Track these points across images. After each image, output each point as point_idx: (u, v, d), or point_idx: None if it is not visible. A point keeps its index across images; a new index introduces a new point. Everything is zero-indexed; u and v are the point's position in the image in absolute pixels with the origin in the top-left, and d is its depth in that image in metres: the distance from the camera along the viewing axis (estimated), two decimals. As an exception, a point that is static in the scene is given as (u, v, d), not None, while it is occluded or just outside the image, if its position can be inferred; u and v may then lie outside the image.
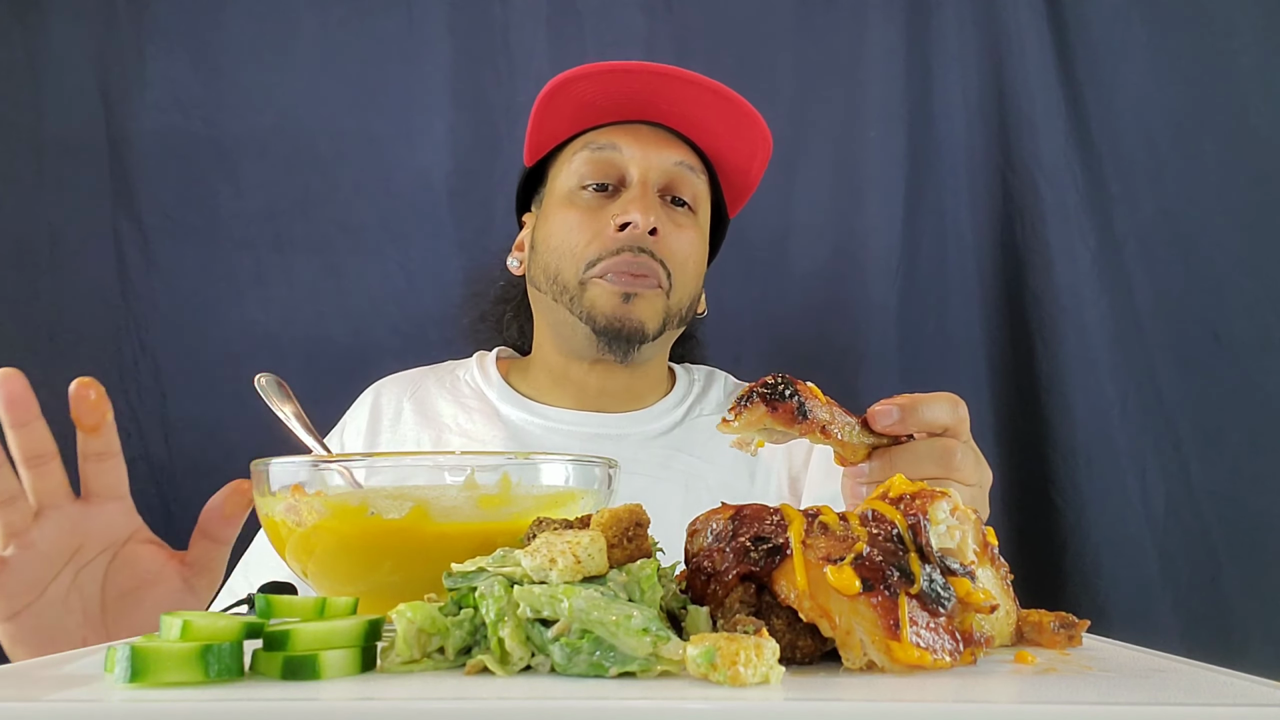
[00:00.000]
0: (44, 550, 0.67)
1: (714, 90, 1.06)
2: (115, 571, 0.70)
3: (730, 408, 0.59)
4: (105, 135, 1.51)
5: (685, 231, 1.10)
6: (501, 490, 0.59)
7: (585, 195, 1.09)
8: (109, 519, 0.70)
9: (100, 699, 0.39)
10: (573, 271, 1.07)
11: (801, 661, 0.46)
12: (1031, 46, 1.53)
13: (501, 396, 1.16)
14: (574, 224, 1.08)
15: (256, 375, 0.83)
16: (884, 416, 0.64)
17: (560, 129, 1.13)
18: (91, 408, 0.67)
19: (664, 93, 1.07)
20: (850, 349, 1.55)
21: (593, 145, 1.09)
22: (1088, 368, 1.47)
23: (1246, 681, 0.42)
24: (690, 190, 1.11)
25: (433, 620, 0.45)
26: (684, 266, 1.09)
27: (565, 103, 1.09)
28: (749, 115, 1.09)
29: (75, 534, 0.68)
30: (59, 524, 0.67)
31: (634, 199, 1.05)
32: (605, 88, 1.07)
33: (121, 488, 0.71)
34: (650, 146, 1.09)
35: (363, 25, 1.57)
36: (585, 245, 1.06)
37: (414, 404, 1.17)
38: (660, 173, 1.09)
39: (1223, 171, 1.49)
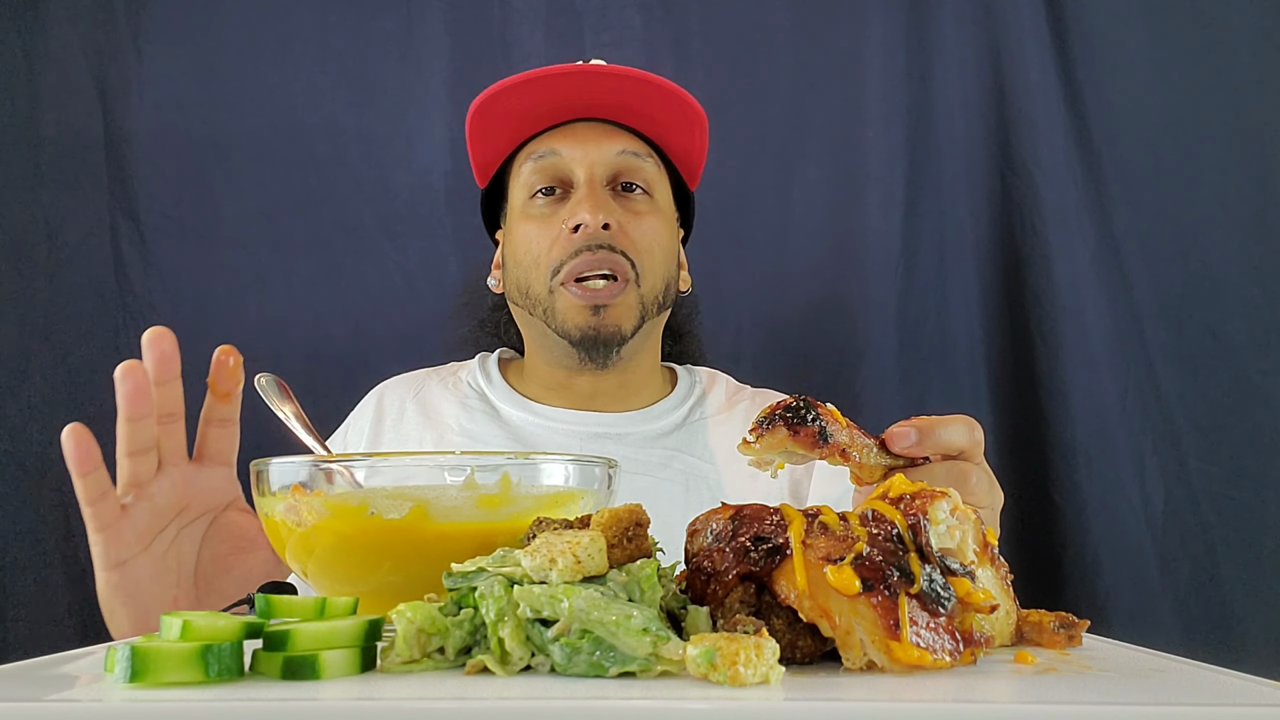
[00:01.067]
0: (159, 504, 0.69)
1: (633, 78, 1.06)
2: (213, 535, 0.73)
3: (750, 429, 0.59)
4: (103, 134, 1.51)
5: (644, 218, 1.09)
6: (501, 490, 0.59)
7: (538, 204, 1.10)
8: (216, 483, 0.73)
9: (100, 699, 0.39)
10: (540, 282, 1.08)
11: (801, 661, 0.46)
12: (1031, 46, 1.53)
13: (503, 397, 1.17)
14: (532, 235, 1.09)
15: (256, 375, 0.83)
16: (902, 439, 0.64)
17: (500, 144, 1.13)
18: (229, 375, 0.70)
19: (588, 90, 1.07)
20: (850, 348, 1.55)
21: (534, 155, 1.10)
22: (1087, 367, 1.47)
23: (1246, 681, 0.42)
24: (641, 175, 1.11)
25: (433, 620, 0.45)
26: (649, 252, 1.09)
27: (496, 119, 1.09)
28: (675, 94, 1.08)
29: (186, 493, 0.71)
30: (174, 481, 0.70)
31: (581, 199, 1.06)
32: (529, 97, 1.07)
33: (232, 455, 0.74)
34: (590, 142, 1.09)
35: (361, 25, 1.57)
36: (546, 252, 1.07)
37: (417, 404, 1.17)
38: (605, 166, 1.09)
39: (1222, 171, 1.49)
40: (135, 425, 0.68)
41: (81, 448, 0.66)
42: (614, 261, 1.05)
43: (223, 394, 0.71)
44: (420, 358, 1.30)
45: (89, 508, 0.67)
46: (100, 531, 0.68)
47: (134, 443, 0.68)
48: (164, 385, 0.68)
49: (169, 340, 0.68)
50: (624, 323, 1.07)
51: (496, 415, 1.15)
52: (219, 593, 0.72)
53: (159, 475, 0.70)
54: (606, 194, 1.08)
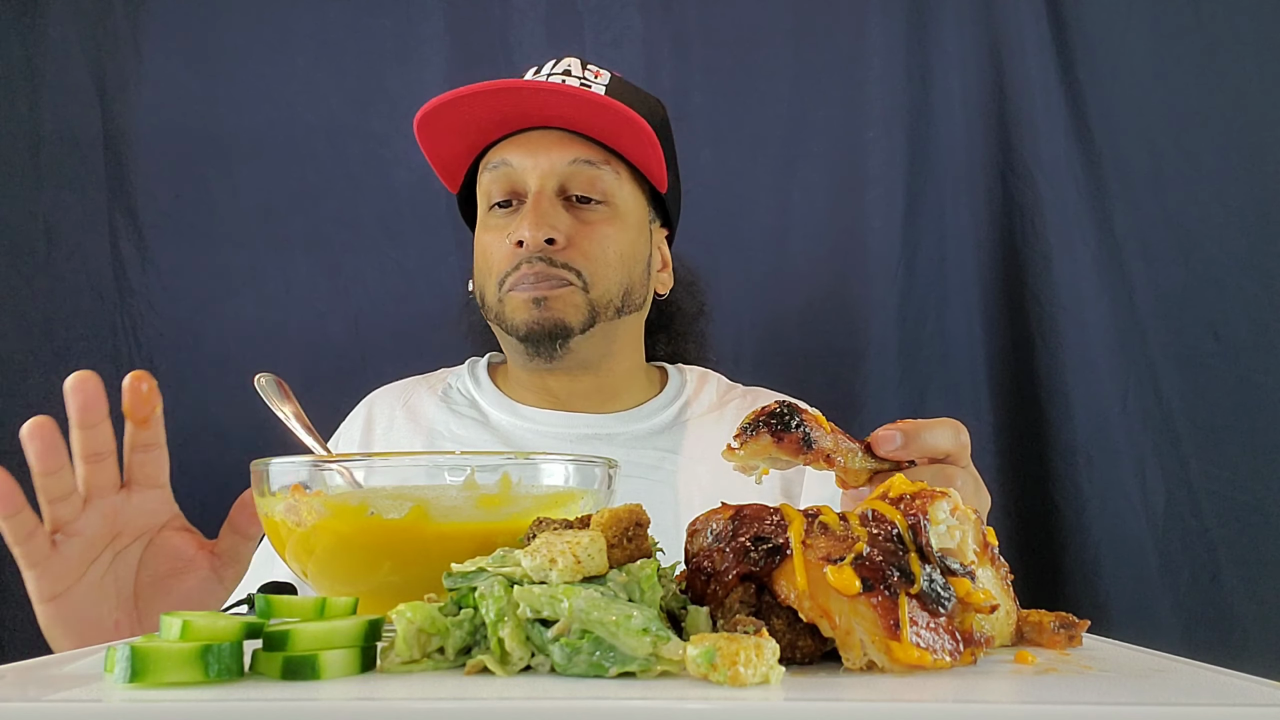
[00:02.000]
0: (89, 537, 0.70)
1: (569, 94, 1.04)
2: (150, 557, 0.74)
3: (735, 435, 0.59)
4: (102, 132, 1.51)
5: (596, 228, 1.08)
6: (501, 490, 0.59)
7: (495, 215, 1.10)
8: (148, 506, 0.73)
9: (100, 699, 0.39)
10: (491, 291, 1.10)
11: (801, 661, 0.46)
12: (1031, 46, 1.53)
13: (491, 402, 1.17)
14: (487, 246, 1.10)
15: (256, 375, 0.83)
16: (887, 442, 0.64)
17: (456, 152, 1.13)
18: (143, 401, 0.70)
19: (532, 102, 1.06)
20: (850, 349, 1.55)
21: (489, 165, 1.10)
22: (1088, 367, 1.47)
23: (1246, 681, 0.42)
24: (597, 185, 1.08)
25: (433, 620, 0.45)
26: (601, 260, 1.07)
27: (443, 132, 1.08)
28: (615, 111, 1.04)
29: (117, 521, 0.72)
30: (104, 512, 0.71)
31: (525, 214, 1.05)
32: (474, 110, 1.06)
33: (162, 477, 0.74)
34: (541, 152, 1.07)
35: (360, 23, 1.57)
36: (498, 264, 1.08)
37: (406, 411, 1.17)
38: (556, 176, 1.07)
39: (1223, 171, 1.49)
40: (50, 479, 0.68)
41: (2, 491, 0.66)
42: (552, 274, 1.05)
43: (140, 420, 0.71)
44: (420, 357, 1.30)
45: (17, 548, 0.68)
46: (31, 569, 0.69)
47: (51, 492, 0.69)
48: (91, 429, 0.69)
49: (93, 383, 0.68)
50: (568, 317, 1.06)
51: (486, 421, 1.15)
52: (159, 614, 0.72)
53: (87, 509, 0.70)
54: (556, 205, 1.07)
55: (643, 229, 1.15)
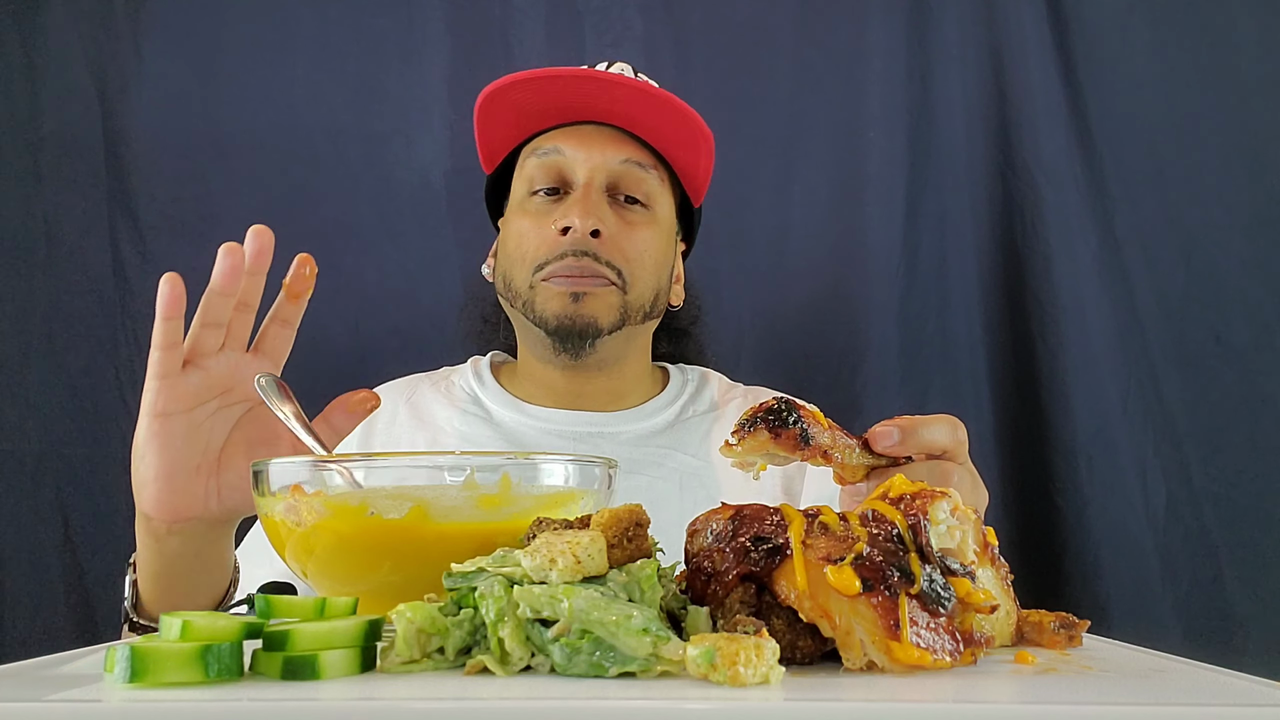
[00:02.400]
0: (213, 377, 0.75)
1: (643, 91, 1.05)
2: (246, 422, 0.78)
3: (733, 431, 0.59)
4: (102, 132, 1.51)
5: (638, 230, 1.09)
6: (501, 490, 0.59)
7: (536, 201, 1.10)
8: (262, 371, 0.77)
9: (100, 699, 0.39)
10: (522, 277, 1.08)
11: (801, 661, 0.46)
12: (1031, 46, 1.53)
13: (495, 399, 1.17)
14: (524, 231, 1.09)
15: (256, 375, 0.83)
16: (884, 438, 0.64)
17: (507, 135, 1.13)
18: (303, 280, 0.78)
19: (600, 95, 1.06)
20: (850, 349, 1.55)
21: (539, 151, 1.10)
22: (1088, 368, 1.47)
23: (1246, 681, 0.42)
24: (642, 187, 1.10)
25: (433, 620, 0.45)
26: (639, 262, 1.08)
27: (504, 110, 1.09)
28: (684, 114, 1.07)
29: (236, 377, 0.77)
30: (231, 362, 0.76)
31: (574, 202, 1.06)
32: (540, 94, 1.07)
33: (283, 355, 0.80)
34: (595, 146, 1.08)
35: (361, 23, 1.57)
36: (534, 250, 1.07)
37: (409, 408, 1.17)
38: (606, 172, 1.08)
39: (1223, 171, 1.49)
40: (218, 299, 0.74)
41: (174, 293, 0.72)
42: (595, 270, 1.05)
43: (294, 294, 0.78)
44: (420, 357, 1.30)
45: (158, 352, 0.73)
46: (157, 379, 0.73)
47: (210, 315, 0.74)
48: (252, 276, 0.75)
49: (268, 237, 0.76)
50: (601, 316, 1.07)
51: (489, 418, 1.15)
52: (237, 474, 0.76)
53: (220, 353, 0.75)
54: (603, 200, 1.08)
55: (672, 237, 1.16)
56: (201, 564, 0.79)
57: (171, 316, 0.72)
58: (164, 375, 0.73)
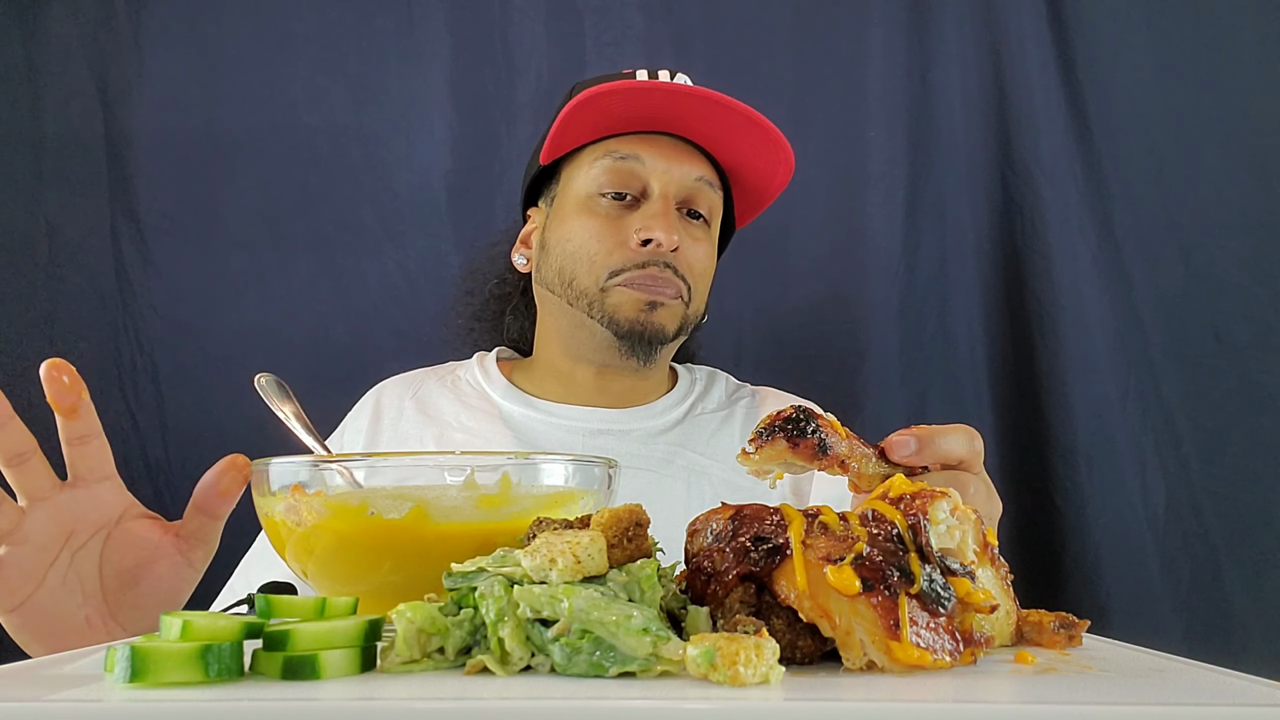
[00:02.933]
0: (38, 543, 0.67)
1: (744, 114, 1.06)
2: (111, 550, 0.70)
3: (750, 439, 0.59)
4: (103, 134, 1.51)
5: (700, 244, 1.11)
6: (501, 490, 0.59)
7: (604, 202, 1.09)
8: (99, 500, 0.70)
9: (100, 699, 0.39)
10: (592, 279, 1.08)
11: (801, 661, 0.46)
12: (1031, 46, 1.53)
13: (503, 394, 1.17)
14: (594, 232, 1.08)
15: (256, 375, 0.83)
16: (901, 447, 0.64)
17: (583, 135, 1.12)
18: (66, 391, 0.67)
19: (693, 110, 1.07)
20: (851, 349, 1.55)
21: (615, 154, 1.09)
22: (1088, 367, 1.47)
23: (1246, 681, 0.42)
24: (707, 204, 1.13)
25: (433, 620, 0.45)
26: (701, 278, 1.12)
27: (592, 113, 1.08)
28: (775, 139, 1.09)
29: (66, 520, 0.68)
30: (49, 514, 0.67)
31: (657, 215, 1.06)
32: (635, 102, 1.07)
33: (107, 468, 0.70)
34: (673, 160, 1.09)
35: (362, 24, 1.57)
36: (607, 254, 1.07)
37: (415, 403, 1.17)
38: (680, 187, 1.10)
39: (1223, 171, 1.49)
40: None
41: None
42: (673, 283, 1.08)
43: (67, 410, 0.67)
44: (420, 357, 1.30)
45: None
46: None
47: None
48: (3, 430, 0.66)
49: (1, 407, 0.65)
50: (669, 325, 1.10)
51: (496, 412, 1.15)
52: (131, 605, 0.70)
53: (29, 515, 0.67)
54: (677, 215, 1.09)
55: (716, 255, 1.19)
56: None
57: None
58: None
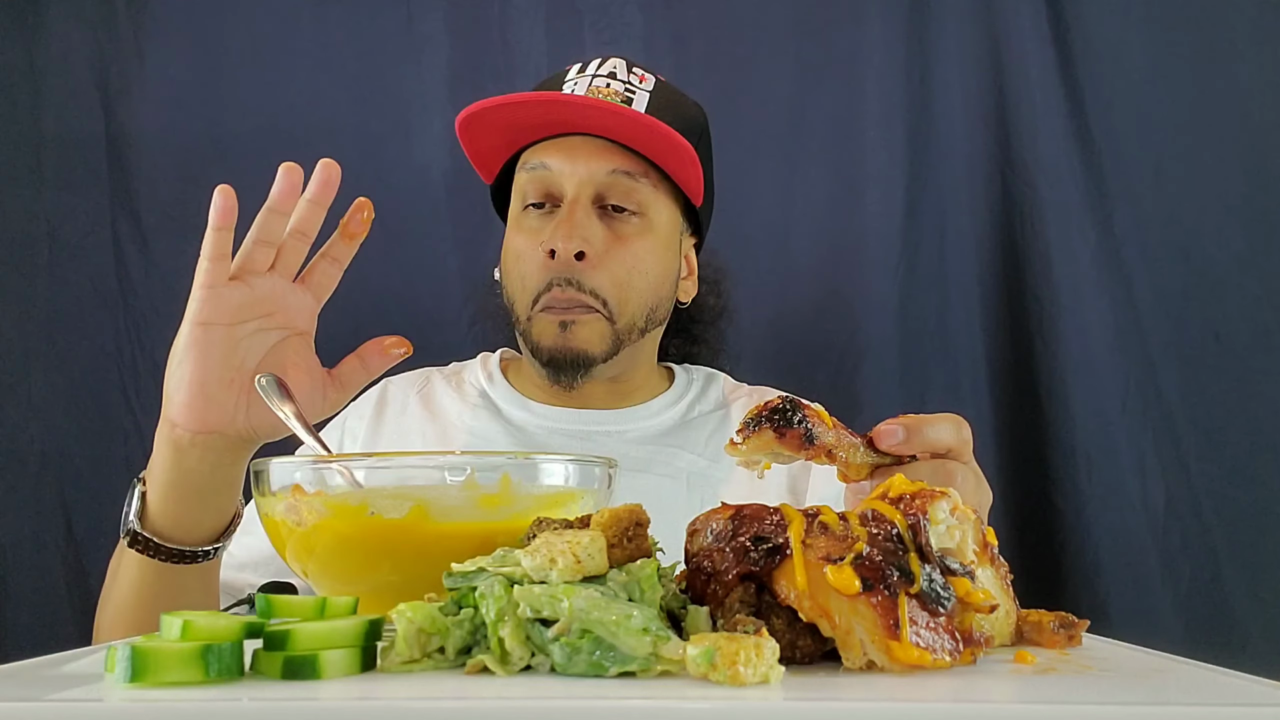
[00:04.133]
0: (257, 295, 0.77)
1: (616, 113, 1.02)
2: (283, 347, 0.80)
3: (738, 430, 0.60)
4: (104, 134, 1.51)
5: (629, 243, 1.07)
6: (501, 490, 0.59)
7: (530, 216, 1.09)
8: (304, 307, 0.81)
9: (100, 699, 0.39)
10: (522, 306, 1.08)
11: (801, 661, 0.46)
12: (1031, 46, 1.52)
13: (504, 396, 1.17)
14: (520, 251, 1.08)
15: (257, 375, 0.83)
16: (889, 436, 0.64)
17: (496, 149, 1.11)
18: (361, 224, 0.81)
19: (574, 112, 1.05)
20: (850, 348, 1.55)
21: (528, 165, 1.09)
22: (1088, 367, 1.47)
23: (1246, 681, 0.42)
24: (632, 197, 1.07)
25: (433, 620, 0.45)
26: (626, 284, 1.06)
27: (488, 129, 1.07)
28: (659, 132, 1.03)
29: (279, 302, 0.78)
30: (277, 286, 0.78)
31: (560, 222, 1.04)
32: (520, 114, 1.06)
33: (328, 291, 0.83)
34: (581, 159, 1.06)
35: (361, 24, 1.57)
36: (530, 275, 1.06)
37: (420, 399, 1.18)
38: (594, 185, 1.06)
39: (1223, 171, 1.49)
40: (272, 217, 0.75)
41: (226, 204, 0.72)
42: (579, 300, 1.04)
43: (349, 235, 0.81)
44: (420, 357, 1.29)
45: (206, 262, 0.74)
46: (204, 289, 0.74)
47: (263, 232, 0.76)
48: (313, 205, 0.77)
49: (336, 173, 0.78)
50: (591, 346, 1.06)
51: (499, 413, 1.16)
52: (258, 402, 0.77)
53: (268, 274, 0.77)
54: (591, 215, 1.05)
55: (673, 242, 1.14)
56: (215, 484, 0.79)
57: (222, 227, 0.73)
58: (210, 285, 0.74)
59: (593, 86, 1.08)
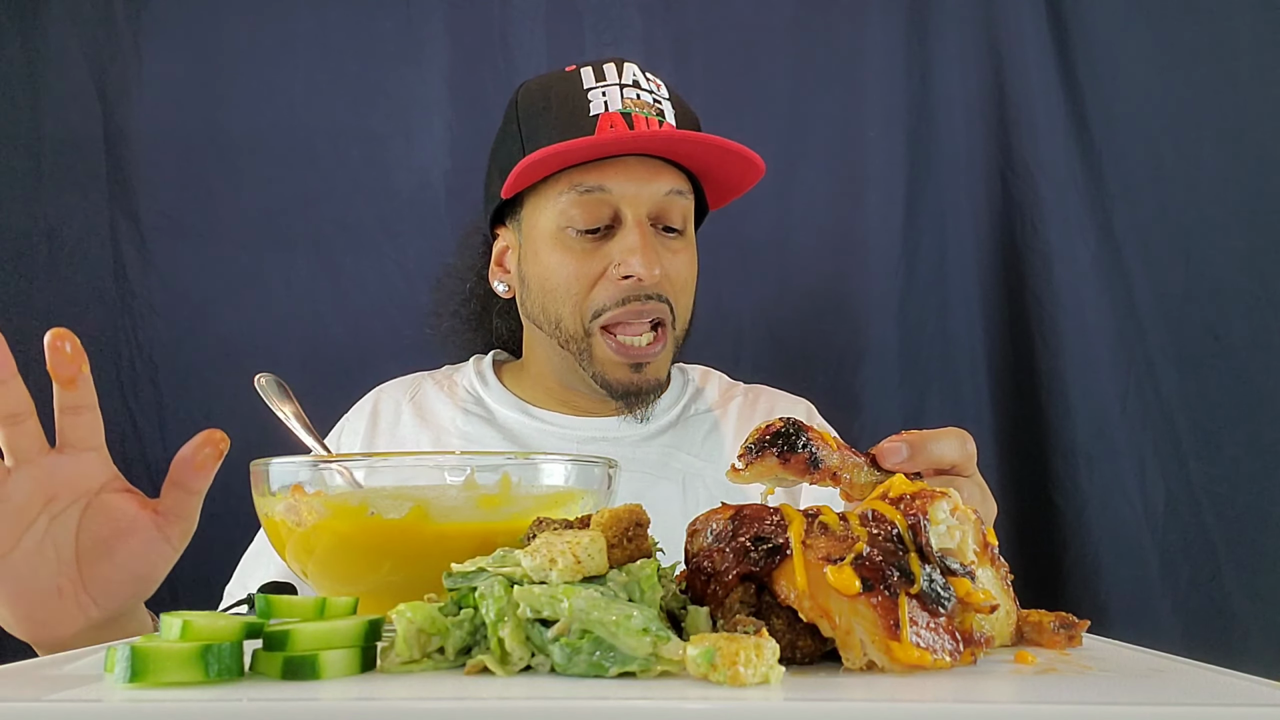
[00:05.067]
0: (18, 503, 0.67)
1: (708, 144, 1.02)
2: (89, 520, 0.70)
3: (740, 454, 0.58)
4: (103, 134, 1.51)
5: (679, 256, 1.08)
6: (501, 490, 0.59)
7: (579, 239, 1.05)
8: (83, 469, 0.70)
9: (100, 699, 0.39)
10: (576, 321, 1.05)
11: (801, 661, 0.46)
12: (1031, 46, 1.53)
13: (499, 400, 1.17)
14: (571, 270, 1.05)
15: (256, 375, 0.83)
16: (893, 454, 0.63)
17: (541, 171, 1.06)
18: (68, 360, 0.68)
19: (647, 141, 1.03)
20: (850, 349, 1.55)
21: (580, 187, 1.03)
22: (1088, 367, 1.47)
23: (1246, 681, 0.42)
24: (681, 215, 1.08)
25: (433, 620, 0.45)
26: (684, 291, 1.09)
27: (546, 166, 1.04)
28: (744, 157, 1.04)
29: (49, 485, 0.68)
30: (33, 476, 0.67)
31: (634, 248, 1.02)
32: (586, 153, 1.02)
33: (96, 439, 0.71)
34: (641, 180, 1.04)
35: (361, 24, 1.57)
36: (587, 293, 1.04)
37: (413, 407, 1.17)
38: (652, 206, 1.05)
39: (1223, 171, 1.49)
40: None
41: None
42: (660, 311, 1.05)
43: (66, 380, 0.69)
44: (420, 357, 1.30)
45: None
46: None
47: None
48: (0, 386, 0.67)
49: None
50: (662, 373, 1.09)
51: (492, 419, 1.15)
52: (104, 578, 0.69)
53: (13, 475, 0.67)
54: (654, 238, 1.05)
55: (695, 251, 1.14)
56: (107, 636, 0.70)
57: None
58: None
59: (625, 99, 1.05)
